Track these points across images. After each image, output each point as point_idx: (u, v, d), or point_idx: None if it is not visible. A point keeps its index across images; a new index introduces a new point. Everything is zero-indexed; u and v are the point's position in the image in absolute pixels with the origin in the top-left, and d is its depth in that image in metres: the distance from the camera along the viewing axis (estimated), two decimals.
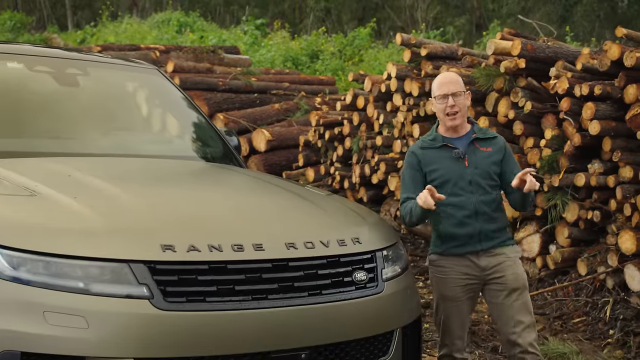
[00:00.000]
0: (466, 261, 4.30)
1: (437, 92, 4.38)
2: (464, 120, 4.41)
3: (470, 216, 4.27)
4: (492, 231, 4.31)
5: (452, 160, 4.34)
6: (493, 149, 4.41)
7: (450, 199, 4.24)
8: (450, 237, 4.30)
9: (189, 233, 3.17)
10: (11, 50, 4.88)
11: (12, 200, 3.29)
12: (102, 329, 2.90)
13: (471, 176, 4.31)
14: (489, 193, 4.33)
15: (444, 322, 4.39)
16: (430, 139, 4.42)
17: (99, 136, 4.59)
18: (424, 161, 4.36)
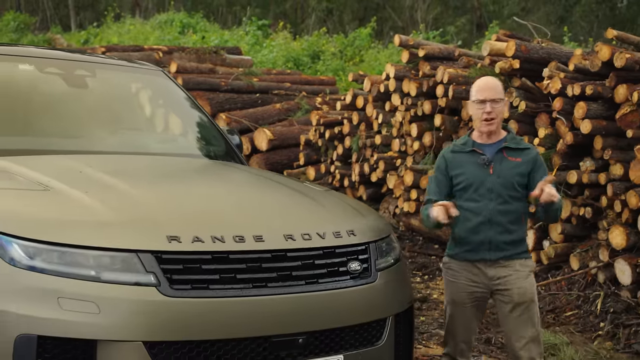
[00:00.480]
0: (475, 268, 4.29)
1: (476, 96, 4.31)
2: (498, 127, 4.35)
3: (484, 223, 4.24)
4: (504, 242, 4.25)
5: (477, 166, 4.31)
6: (522, 160, 4.31)
7: (468, 204, 4.25)
8: (464, 242, 4.30)
9: (194, 225, 3.37)
10: (22, 52, 5.09)
11: (27, 195, 3.50)
12: (112, 314, 3.10)
13: (492, 184, 4.26)
14: (509, 203, 4.26)
15: (448, 322, 4.43)
16: (462, 143, 4.41)
17: (107, 135, 4.79)
18: (451, 165, 4.36)
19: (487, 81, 4.37)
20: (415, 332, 5.08)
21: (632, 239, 6.84)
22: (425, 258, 9.12)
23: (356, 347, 3.60)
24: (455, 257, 4.35)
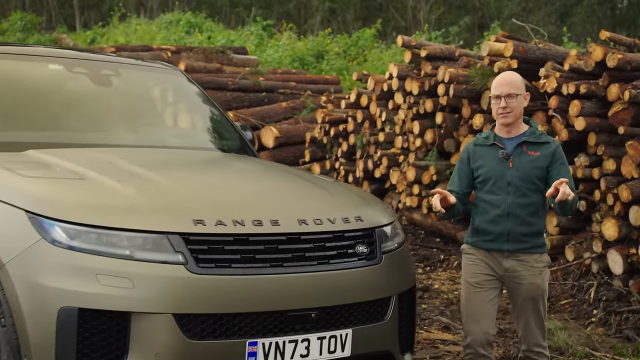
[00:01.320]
0: (492, 257, 4.39)
1: (493, 92, 4.40)
2: (516, 120, 4.39)
3: (502, 215, 4.32)
4: (522, 234, 4.32)
5: (497, 160, 4.38)
6: (541, 154, 4.36)
7: (488, 197, 4.37)
8: (482, 232, 4.40)
9: (216, 210, 3.70)
10: (51, 53, 5.45)
11: (65, 183, 3.84)
12: (145, 289, 3.43)
13: (511, 177, 4.33)
14: (527, 196, 4.32)
15: (465, 307, 4.47)
16: (484, 136, 4.50)
17: (132, 130, 5.14)
18: (473, 157, 4.46)
19: (504, 77, 4.44)
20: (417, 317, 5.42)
21: (624, 230, 7.15)
22: (426, 250, 9.45)
23: (363, 322, 3.92)
24: (474, 244, 4.45)
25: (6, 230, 3.63)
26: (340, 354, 3.81)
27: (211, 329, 3.51)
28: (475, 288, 4.42)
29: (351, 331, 3.84)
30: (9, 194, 3.70)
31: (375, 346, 3.99)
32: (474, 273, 4.44)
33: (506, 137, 4.43)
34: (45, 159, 4.20)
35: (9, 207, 3.66)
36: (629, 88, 7.17)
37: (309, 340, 3.70)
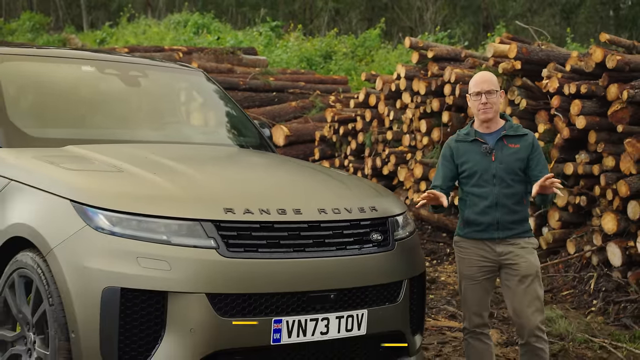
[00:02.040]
0: (484, 246, 4.61)
1: (472, 89, 4.64)
2: (496, 115, 4.64)
3: (490, 206, 4.55)
4: (510, 222, 4.56)
5: (480, 155, 4.61)
6: (520, 146, 4.60)
7: (475, 190, 4.60)
8: (472, 223, 4.62)
9: (244, 200, 4.04)
10: (83, 55, 5.80)
11: (106, 175, 4.18)
12: (180, 271, 3.77)
13: (495, 170, 4.56)
14: (512, 187, 4.56)
15: (463, 296, 4.74)
16: (465, 133, 4.71)
17: (160, 127, 5.49)
18: (457, 153, 4.67)
19: (482, 75, 4.72)
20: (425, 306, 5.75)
21: (623, 224, 7.48)
22: (433, 245, 9.78)
23: (377, 303, 4.24)
24: (464, 236, 4.68)
25: (52, 218, 3.98)
26: (356, 332, 4.13)
27: (240, 307, 3.84)
28: (469, 281, 4.69)
29: (367, 311, 4.16)
30: (54, 185, 4.05)
31: (388, 326, 4.31)
32: (467, 267, 4.69)
33: (486, 133, 4.66)
34: (83, 153, 4.55)
35: (55, 197, 4.01)
36: (627, 88, 7.48)
37: (328, 319, 4.03)
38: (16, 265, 4.14)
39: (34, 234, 4.01)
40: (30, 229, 4.04)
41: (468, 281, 4.69)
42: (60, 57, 5.64)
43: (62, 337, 3.83)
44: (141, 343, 3.76)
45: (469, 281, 4.69)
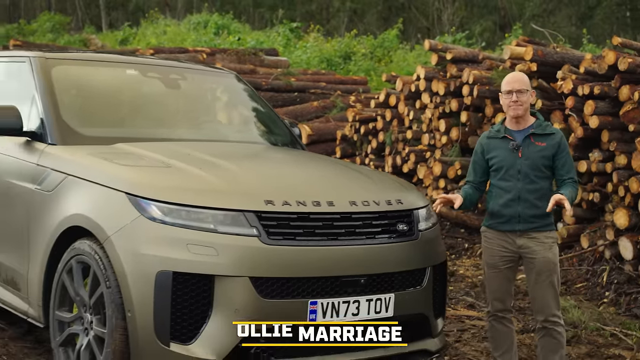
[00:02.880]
0: (506, 237, 4.90)
1: (504, 88, 4.91)
2: (525, 113, 4.89)
3: (513, 200, 4.84)
4: (531, 216, 4.82)
5: (508, 151, 4.88)
6: (547, 144, 4.84)
7: (500, 183, 4.89)
8: (496, 215, 4.92)
9: (283, 193, 4.42)
10: (127, 60, 6.22)
11: (156, 170, 4.59)
12: (226, 256, 4.15)
13: (521, 166, 4.83)
14: (535, 183, 4.82)
15: (487, 283, 5.06)
16: (496, 130, 4.99)
17: (198, 126, 5.91)
18: (487, 149, 4.97)
19: (514, 75, 5.01)
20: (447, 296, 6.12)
21: (634, 219, 7.79)
22: (452, 240, 10.14)
23: (403, 288, 4.62)
24: (490, 227, 4.98)
25: (109, 209, 4.39)
26: (384, 314, 4.51)
27: (280, 290, 4.22)
28: (492, 269, 5.01)
29: (393, 295, 4.54)
30: (111, 180, 4.46)
31: (413, 309, 4.69)
32: (490, 256, 5.00)
33: (515, 130, 4.93)
34: (133, 150, 4.96)
35: (111, 190, 4.42)
36: (638, 89, 7.80)
37: (359, 301, 4.42)
38: (74, 252, 4.55)
39: (91, 223, 4.42)
40: (88, 219, 4.45)
41: (491, 269, 5.02)
42: (106, 62, 6.07)
43: (118, 316, 4.23)
44: (191, 321, 4.14)
45: (491, 269, 5.01)
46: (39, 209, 4.91)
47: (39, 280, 4.86)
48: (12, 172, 5.30)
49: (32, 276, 4.95)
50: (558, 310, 4.97)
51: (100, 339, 4.38)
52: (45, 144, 5.14)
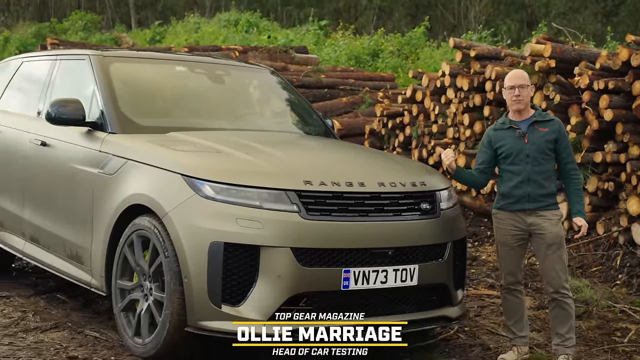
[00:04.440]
0: (516, 216, 5.38)
1: (507, 83, 5.45)
2: (527, 106, 5.43)
3: (523, 181, 5.34)
4: (539, 195, 5.33)
5: (515, 138, 5.40)
6: (549, 130, 5.38)
7: (510, 167, 5.39)
8: (507, 196, 5.40)
9: (319, 174, 4.99)
10: (176, 58, 6.85)
11: (208, 155, 5.19)
12: (270, 229, 4.72)
13: (528, 151, 5.34)
14: (542, 164, 5.33)
15: (499, 259, 5.55)
16: (501, 122, 5.52)
17: (241, 117, 6.50)
18: (494, 140, 5.48)
19: (515, 72, 5.54)
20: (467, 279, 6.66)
21: None
22: (475, 228, 10.64)
23: (426, 260, 5.18)
24: (501, 208, 5.46)
25: (167, 189, 4.99)
26: (409, 282, 5.08)
27: (317, 259, 4.80)
28: (504, 247, 5.50)
29: (418, 266, 5.11)
30: (168, 163, 5.07)
31: (435, 279, 5.26)
32: (503, 235, 5.48)
33: (519, 121, 5.47)
34: (185, 138, 5.56)
35: (168, 173, 5.03)
36: None
37: (387, 271, 4.98)
38: (135, 228, 5.16)
39: (151, 201, 5.03)
40: (148, 197, 5.06)
41: (503, 247, 5.51)
42: (157, 59, 6.69)
43: (176, 282, 4.83)
44: (239, 286, 4.74)
45: (504, 247, 5.51)
46: (102, 190, 5.52)
47: (102, 254, 5.47)
48: (75, 158, 5.92)
49: (95, 250, 5.57)
50: (566, 283, 5.45)
51: (159, 303, 4.98)
52: (106, 132, 5.75)
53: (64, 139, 6.08)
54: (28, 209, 6.49)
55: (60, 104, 5.83)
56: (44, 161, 6.32)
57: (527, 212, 5.42)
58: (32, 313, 6.20)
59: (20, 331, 5.69)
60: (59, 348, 5.31)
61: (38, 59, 7.26)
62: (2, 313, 6.17)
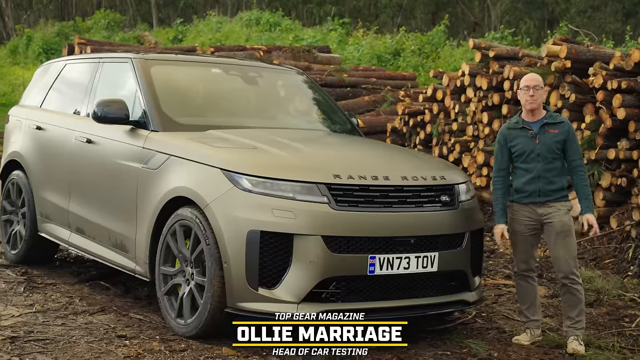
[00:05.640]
0: (529, 208, 5.84)
1: (523, 84, 5.86)
2: (539, 106, 5.84)
3: (534, 178, 5.79)
4: (550, 190, 5.77)
5: (527, 138, 5.82)
6: (559, 131, 5.78)
7: (523, 165, 5.82)
8: (520, 190, 5.86)
9: (348, 169, 5.41)
10: (212, 60, 7.31)
11: (244, 151, 5.63)
12: (303, 219, 5.15)
13: (539, 150, 5.77)
14: (551, 163, 5.76)
15: (513, 248, 6.01)
16: (514, 122, 5.93)
17: (274, 116, 6.94)
18: (508, 138, 5.91)
19: (530, 75, 5.96)
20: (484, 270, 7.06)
21: None
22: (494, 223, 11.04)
23: (446, 248, 5.60)
24: (515, 201, 5.93)
25: (207, 182, 5.44)
26: (430, 269, 5.50)
27: (346, 246, 5.24)
28: (518, 236, 5.95)
29: (438, 254, 5.52)
30: (208, 159, 5.52)
31: (454, 266, 5.68)
32: (517, 225, 5.93)
33: (531, 121, 5.87)
34: (223, 135, 6.01)
35: (209, 167, 5.47)
36: None
37: (409, 258, 5.41)
38: (177, 218, 5.62)
39: (193, 193, 5.48)
40: (190, 190, 5.52)
41: (517, 236, 5.97)
42: (194, 62, 7.17)
43: (216, 267, 5.28)
44: (274, 270, 5.18)
45: (518, 236, 5.97)
46: (146, 184, 5.98)
47: (146, 243, 5.93)
48: (120, 154, 6.37)
49: (139, 239, 6.03)
50: (576, 269, 5.86)
51: (200, 286, 5.44)
52: (148, 130, 6.20)
53: (108, 136, 6.54)
54: (73, 202, 6.96)
55: (105, 104, 6.29)
56: (89, 157, 6.78)
57: (539, 204, 5.85)
58: (78, 298, 6.67)
59: (70, 314, 6.16)
60: (107, 328, 5.77)
61: (81, 62, 7.73)
62: (51, 298, 6.64)
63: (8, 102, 21.36)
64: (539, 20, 37.01)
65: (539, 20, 37.18)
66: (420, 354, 5.52)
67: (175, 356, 5.19)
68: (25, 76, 24.72)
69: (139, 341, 5.49)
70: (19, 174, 7.83)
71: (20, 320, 5.91)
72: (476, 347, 5.77)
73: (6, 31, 43.74)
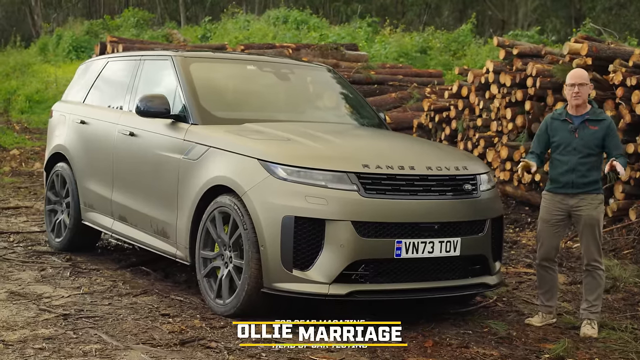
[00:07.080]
0: (561, 198, 6.13)
1: (569, 81, 6.09)
2: (584, 102, 6.06)
3: (568, 170, 6.06)
4: (582, 183, 6.03)
5: (567, 131, 6.07)
6: (599, 128, 6.02)
7: (559, 157, 6.09)
8: (555, 181, 6.15)
9: (376, 159, 5.78)
10: (246, 58, 7.72)
11: (279, 143, 6.02)
12: (334, 206, 5.52)
13: (576, 145, 6.02)
14: (587, 157, 6.01)
15: (538, 235, 6.27)
16: (558, 112, 6.17)
17: (305, 111, 7.32)
18: (550, 127, 6.18)
19: (576, 71, 6.22)
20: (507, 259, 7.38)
21: None
22: (517, 215, 11.36)
23: (468, 234, 5.95)
24: (549, 190, 6.22)
25: (245, 172, 5.83)
26: (453, 253, 5.86)
27: (374, 231, 5.61)
28: (546, 224, 6.26)
29: (460, 239, 5.88)
30: (246, 150, 5.92)
31: (475, 250, 6.04)
32: (546, 212, 6.25)
33: (574, 115, 6.13)
34: (259, 128, 6.41)
35: (246, 158, 5.87)
36: None
37: (433, 242, 5.78)
38: (216, 205, 6.02)
39: (232, 182, 5.88)
40: (229, 179, 5.92)
41: (544, 223, 6.28)
42: (230, 59, 7.58)
43: (253, 250, 5.67)
44: (308, 253, 5.57)
45: (544, 223, 6.28)
46: (187, 173, 6.39)
47: (186, 229, 6.34)
48: (161, 146, 6.78)
49: (180, 226, 6.44)
50: (599, 257, 6.21)
51: (238, 269, 5.84)
52: (188, 124, 6.60)
53: (150, 129, 6.95)
54: (117, 192, 7.39)
55: (148, 99, 6.71)
56: (131, 149, 7.21)
57: (571, 195, 6.15)
58: (121, 282, 7.09)
59: (115, 295, 6.59)
60: (151, 308, 6.19)
61: (123, 59, 8.17)
62: (96, 282, 7.08)
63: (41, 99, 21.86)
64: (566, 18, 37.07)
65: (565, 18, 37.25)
66: (443, 332, 5.88)
67: (215, 332, 5.60)
68: (58, 74, 25.24)
69: (181, 319, 5.90)
70: (63, 166, 8.28)
71: (70, 300, 6.35)
72: (496, 327, 6.13)
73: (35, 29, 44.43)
